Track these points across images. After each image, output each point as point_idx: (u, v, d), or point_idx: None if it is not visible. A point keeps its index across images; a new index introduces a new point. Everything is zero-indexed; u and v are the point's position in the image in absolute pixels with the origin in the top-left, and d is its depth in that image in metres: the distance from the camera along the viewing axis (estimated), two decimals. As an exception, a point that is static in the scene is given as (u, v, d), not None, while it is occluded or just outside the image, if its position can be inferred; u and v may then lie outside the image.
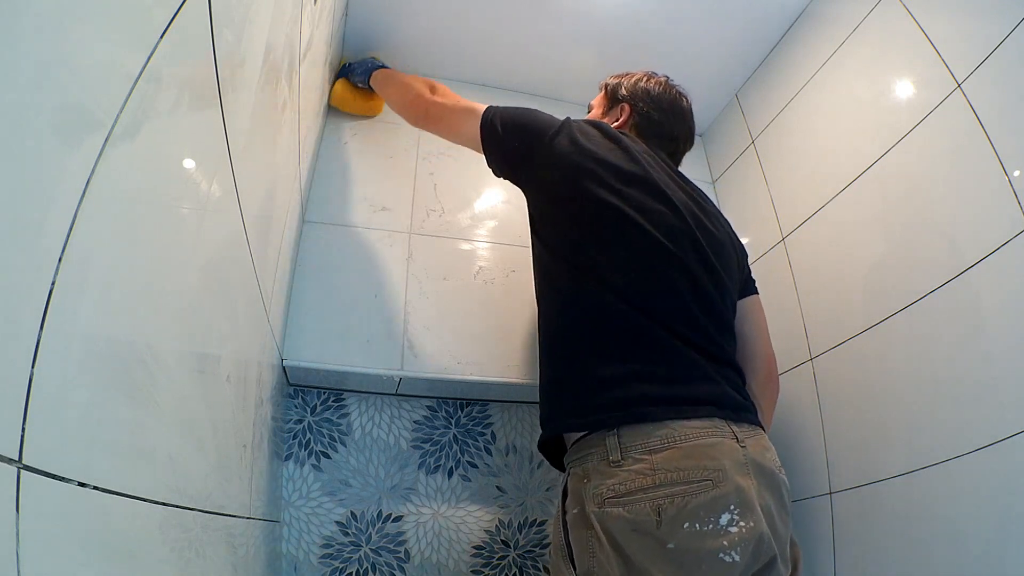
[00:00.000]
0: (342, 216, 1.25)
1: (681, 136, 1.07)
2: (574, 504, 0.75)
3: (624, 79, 1.11)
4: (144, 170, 0.40)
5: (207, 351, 0.58)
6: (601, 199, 0.85)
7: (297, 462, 1.15)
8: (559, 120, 0.95)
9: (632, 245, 0.84)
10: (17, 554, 0.27)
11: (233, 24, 0.53)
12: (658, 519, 0.66)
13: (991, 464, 0.79)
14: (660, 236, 0.84)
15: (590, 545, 0.70)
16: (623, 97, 1.08)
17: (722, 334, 0.86)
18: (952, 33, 0.96)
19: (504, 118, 0.97)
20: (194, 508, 0.53)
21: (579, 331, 0.82)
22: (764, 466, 0.73)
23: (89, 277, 0.34)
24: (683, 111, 1.08)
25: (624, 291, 0.81)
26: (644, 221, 0.84)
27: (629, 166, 0.89)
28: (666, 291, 0.82)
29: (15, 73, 0.27)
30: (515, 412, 1.32)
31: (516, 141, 0.95)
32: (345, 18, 1.34)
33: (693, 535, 0.65)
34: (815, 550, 1.05)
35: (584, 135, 0.92)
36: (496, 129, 0.96)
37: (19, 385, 0.28)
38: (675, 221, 0.87)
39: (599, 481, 0.71)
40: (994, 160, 0.85)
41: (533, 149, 0.93)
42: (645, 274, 0.83)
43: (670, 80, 1.11)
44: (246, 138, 0.62)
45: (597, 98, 1.15)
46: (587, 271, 0.84)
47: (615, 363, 0.77)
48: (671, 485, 0.67)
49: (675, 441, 0.70)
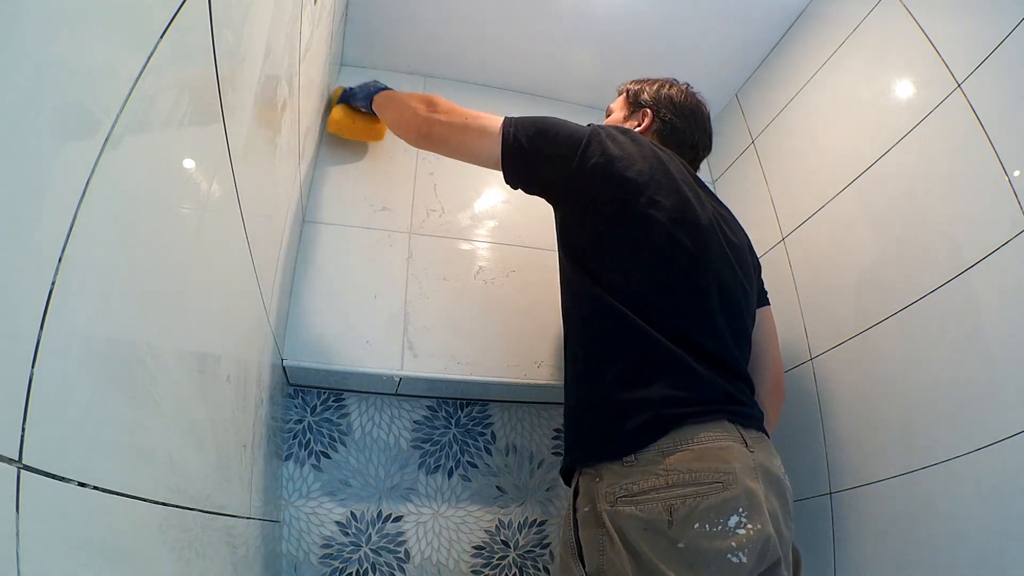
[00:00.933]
0: (342, 216, 1.25)
1: (701, 144, 1.07)
2: (585, 503, 0.77)
3: (646, 85, 1.10)
4: (144, 170, 0.40)
5: (207, 351, 0.58)
6: (636, 212, 0.84)
7: (297, 462, 1.15)
8: (585, 129, 0.92)
9: (666, 259, 0.83)
10: (17, 554, 0.27)
11: (233, 24, 0.53)
12: (670, 519, 0.67)
13: (991, 464, 0.79)
14: (694, 248, 0.84)
15: (600, 543, 0.72)
16: (645, 103, 1.07)
17: (741, 347, 0.88)
18: (952, 33, 0.96)
19: (528, 132, 0.92)
20: (194, 508, 0.53)
21: (604, 355, 0.81)
22: (771, 471, 0.75)
23: (89, 277, 0.34)
24: (703, 119, 1.08)
25: (653, 313, 0.80)
26: (678, 233, 0.84)
27: (662, 177, 0.88)
28: (697, 310, 0.82)
29: (15, 73, 0.27)
30: (515, 412, 1.31)
31: (545, 156, 0.90)
32: (345, 18, 1.34)
33: (703, 535, 0.66)
34: (815, 550, 1.05)
35: (615, 143, 0.90)
36: (522, 146, 0.91)
37: (19, 385, 0.28)
38: (707, 234, 0.87)
39: (612, 481, 0.73)
40: (994, 160, 0.85)
41: (565, 161, 0.89)
42: (676, 290, 0.82)
43: (691, 87, 1.10)
44: (246, 138, 0.62)
45: (617, 102, 1.14)
46: (615, 290, 0.82)
47: (638, 389, 0.77)
48: (683, 486, 0.69)
49: (688, 444, 0.71)
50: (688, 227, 0.85)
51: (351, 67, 1.47)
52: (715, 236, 0.89)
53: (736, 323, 0.87)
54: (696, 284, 0.84)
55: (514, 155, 0.91)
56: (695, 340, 0.79)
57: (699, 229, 0.86)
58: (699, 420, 0.73)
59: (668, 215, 0.85)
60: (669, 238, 0.84)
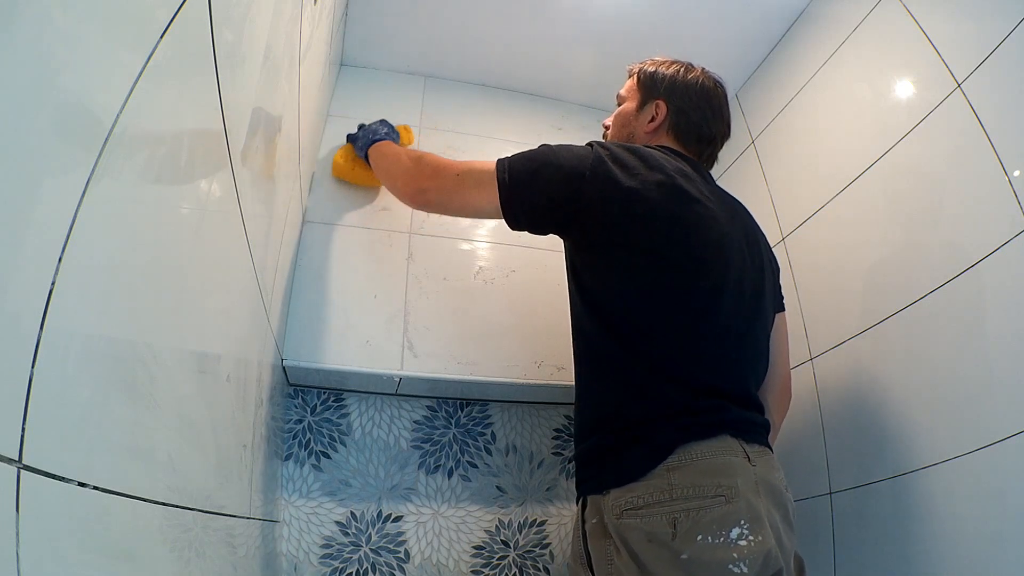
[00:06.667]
0: (342, 216, 1.25)
1: (719, 134, 0.99)
2: (593, 514, 0.77)
3: (660, 68, 1.00)
4: (144, 170, 0.40)
5: (207, 351, 0.58)
6: (651, 249, 0.79)
7: (297, 462, 1.15)
8: (587, 158, 0.83)
9: (682, 298, 0.79)
10: (17, 554, 0.27)
11: (233, 24, 0.53)
12: (673, 531, 0.68)
13: (991, 464, 0.79)
14: (711, 282, 0.80)
15: (608, 553, 0.73)
16: (659, 93, 0.98)
17: (757, 376, 0.87)
18: (952, 33, 0.96)
19: (523, 172, 0.84)
20: (194, 508, 0.53)
21: (622, 402, 0.79)
22: (773, 485, 0.75)
23: (89, 277, 0.34)
24: (721, 107, 0.99)
25: (667, 362, 0.77)
26: (693, 267, 0.79)
27: (676, 207, 0.81)
28: (713, 355, 0.79)
29: (15, 73, 0.27)
30: (515, 412, 1.31)
31: (547, 196, 0.83)
32: (345, 18, 1.34)
33: (705, 547, 0.67)
34: (815, 550, 1.05)
35: (622, 167, 0.82)
36: (519, 190, 0.84)
37: (19, 385, 0.28)
38: (728, 256, 0.82)
39: (618, 494, 0.73)
40: (994, 160, 0.85)
41: (568, 199, 0.82)
42: (691, 332, 0.78)
43: (706, 70, 1.01)
44: (246, 138, 0.62)
45: (627, 86, 1.04)
46: (630, 338, 0.79)
47: (655, 433, 0.75)
48: (686, 500, 0.69)
49: (692, 460, 0.72)
50: (704, 262, 0.80)
51: (351, 67, 1.47)
52: (735, 263, 0.83)
53: (753, 356, 0.86)
54: (715, 326, 0.80)
55: (512, 200, 0.84)
56: (717, 389, 0.78)
57: (717, 261, 0.81)
58: (703, 437, 0.74)
59: (684, 248, 0.79)
60: (680, 280, 0.79)
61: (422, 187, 0.95)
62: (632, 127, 1.01)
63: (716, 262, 0.81)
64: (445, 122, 1.46)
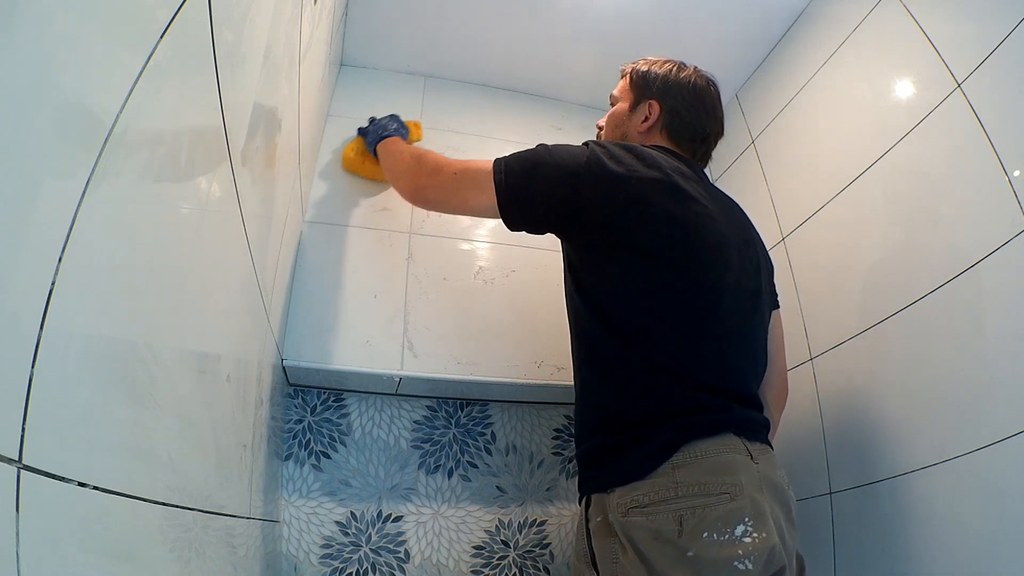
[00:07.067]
0: (342, 216, 1.25)
1: (712, 132, 1.00)
2: (597, 513, 0.77)
3: (653, 67, 1.00)
4: (144, 170, 0.40)
5: (207, 351, 0.58)
6: (644, 249, 0.80)
7: (297, 462, 1.15)
8: (583, 156, 0.83)
9: (682, 297, 0.79)
10: (17, 554, 0.27)
11: (233, 24, 0.53)
12: (679, 528, 0.68)
13: (991, 464, 0.79)
14: (711, 281, 0.80)
15: (614, 552, 0.73)
16: (651, 93, 0.99)
17: (757, 375, 0.88)
18: (952, 33, 0.96)
19: (519, 171, 0.84)
20: (194, 508, 0.53)
21: (624, 402, 0.79)
22: (776, 482, 0.75)
23: (89, 277, 0.34)
24: (714, 105, 1.00)
25: (669, 361, 0.78)
26: (693, 267, 0.80)
27: (673, 205, 0.81)
28: (714, 354, 0.79)
29: (15, 73, 0.27)
30: (515, 412, 1.31)
31: (543, 194, 0.83)
32: (345, 18, 1.34)
33: (711, 544, 0.67)
34: (815, 550, 1.05)
35: (618, 164, 0.82)
36: (516, 189, 0.84)
37: (19, 385, 0.28)
38: (726, 255, 0.83)
39: (623, 493, 0.74)
40: (994, 160, 0.85)
41: (566, 198, 0.82)
42: (692, 331, 0.79)
43: (699, 69, 1.01)
44: (246, 138, 0.62)
45: (620, 86, 1.04)
46: (632, 337, 0.79)
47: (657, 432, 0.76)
48: (692, 497, 0.70)
49: (696, 458, 0.72)
50: (700, 260, 0.80)
51: (351, 67, 1.47)
52: (732, 262, 0.84)
53: (752, 355, 0.86)
54: (715, 326, 0.80)
55: (509, 200, 0.84)
56: (717, 388, 0.78)
57: (714, 261, 0.81)
58: (706, 435, 0.74)
59: (683, 247, 0.80)
60: (680, 279, 0.80)
61: (421, 185, 0.96)
62: (626, 127, 1.01)
63: (715, 261, 0.82)
64: (445, 122, 1.46)
